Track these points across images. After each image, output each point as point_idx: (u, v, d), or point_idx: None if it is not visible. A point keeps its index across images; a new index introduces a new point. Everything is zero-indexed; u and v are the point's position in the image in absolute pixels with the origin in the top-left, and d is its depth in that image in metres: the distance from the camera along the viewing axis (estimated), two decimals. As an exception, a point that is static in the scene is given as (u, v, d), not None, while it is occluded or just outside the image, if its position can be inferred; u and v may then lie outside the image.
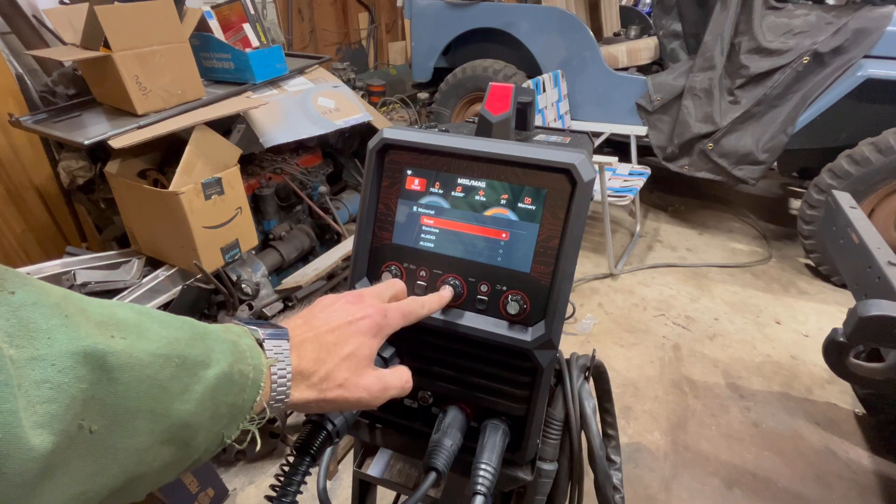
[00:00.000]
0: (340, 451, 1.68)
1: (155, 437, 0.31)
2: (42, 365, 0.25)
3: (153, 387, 0.31)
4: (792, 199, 3.61)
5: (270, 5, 4.32)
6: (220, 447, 0.38)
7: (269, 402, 0.40)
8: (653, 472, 1.67)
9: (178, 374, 0.33)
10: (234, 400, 0.37)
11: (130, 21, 1.67)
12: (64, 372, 0.26)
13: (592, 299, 2.54)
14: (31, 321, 0.26)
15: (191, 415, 0.33)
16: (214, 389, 0.35)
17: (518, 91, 0.74)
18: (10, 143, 2.11)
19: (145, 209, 1.81)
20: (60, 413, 0.26)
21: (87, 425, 0.27)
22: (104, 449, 0.28)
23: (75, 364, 0.27)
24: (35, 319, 0.26)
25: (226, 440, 0.38)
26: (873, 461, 1.71)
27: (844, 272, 1.45)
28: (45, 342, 0.26)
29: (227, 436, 0.37)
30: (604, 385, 0.84)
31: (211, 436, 0.36)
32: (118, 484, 0.30)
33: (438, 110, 3.69)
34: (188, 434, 0.34)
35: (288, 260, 2.23)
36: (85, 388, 0.27)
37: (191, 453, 0.35)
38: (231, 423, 0.37)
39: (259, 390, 0.39)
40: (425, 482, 0.54)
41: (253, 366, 0.38)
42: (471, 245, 0.63)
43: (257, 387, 0.38)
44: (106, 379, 0.28)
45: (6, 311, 0.25)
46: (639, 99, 3.05)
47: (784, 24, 2.61)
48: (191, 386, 0.34)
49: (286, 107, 2.14)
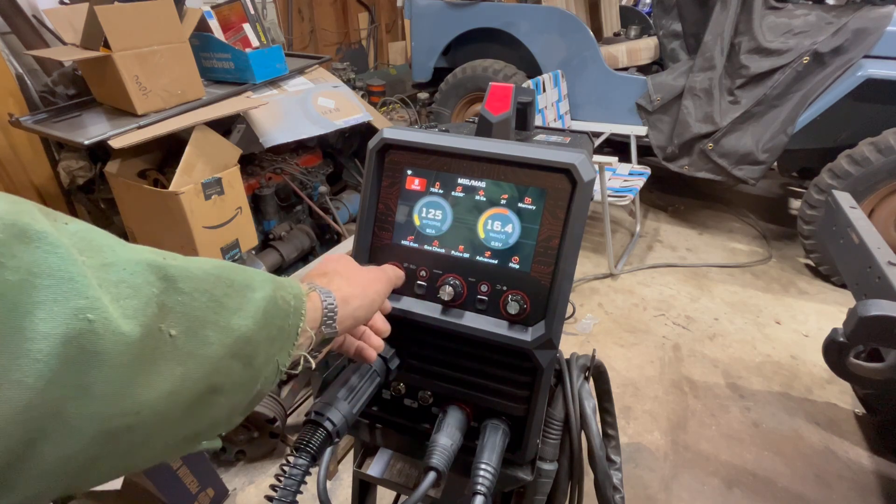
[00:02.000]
0: (340, 451, 1.68)
1: (225, 349, 0.35)
2: (115, 269, 0.29)
3: (212, 300, 0.35)
4: (792, 199, 3.61)
5: (270, 5, 4.32)
6: (277, 376, 0.41)
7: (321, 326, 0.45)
8: (653, 472, 1.67)
9: (230, 293, 0.37)
10: (282, 324, 0.41)
11: (130, 21, 1.67)
12: (135, 275, 0.30)
13: (592, 299, 2.54)
14: (92, 240, 0.29)
15: (250, 330, 0.37)
16: (265, 311, 0.39)
17: (518, 91, 0.74)
18: (10, 143, 2.10)
19: (145, 209, 1.81)
20: (141, 308, 0.29)
21: (167, 329, 0.31)
22: (185, 354, 0.32)
23: (143, 270, 0.31)
24: (95, 238, 0.30)
25: (281, 368, 0.41)
26: (873, 461, 1.71)
27: (844, 272, 1.45)
28: (110, 253, 0.30)
29: (281, 363, 0.41)
30: (604, 385, 0.84)
31: (268, 359, 0.40)
32: (201, 389, 0.34)
33: (438, 110, 3.69)
34: (251, 350, 0.37)
35: (288, 260, 2.23)
36: (156, 292, 0.31)
37: (255, 375, 0.39)
38: (282, 349, 0.41)
39: (301, 317, 0.43)
40: (425, 482, 0.54)
41: (293, 294, 0.43)
42: (471, 245, 0.63)
43: (299, 314, 0.42)
44: (172, 288, 0.32)
45: (67, 234, 0.28)
46: (639, 99, 3.05)
47: (784, 24, 2.61)
48: (244, 305, 0.37)
49: (286, 107, 2.14)
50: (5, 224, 0.25)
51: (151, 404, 0.30)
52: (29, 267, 0.25)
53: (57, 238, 0.27)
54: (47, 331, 0.25)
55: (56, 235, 0.27)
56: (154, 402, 0.30)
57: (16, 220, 0.26)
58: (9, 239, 0.25)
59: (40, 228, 0.26)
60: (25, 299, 0.24)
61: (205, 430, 0.36)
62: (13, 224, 0.25)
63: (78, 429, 0.27)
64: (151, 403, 0.30)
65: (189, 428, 0.35)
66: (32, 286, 0.25)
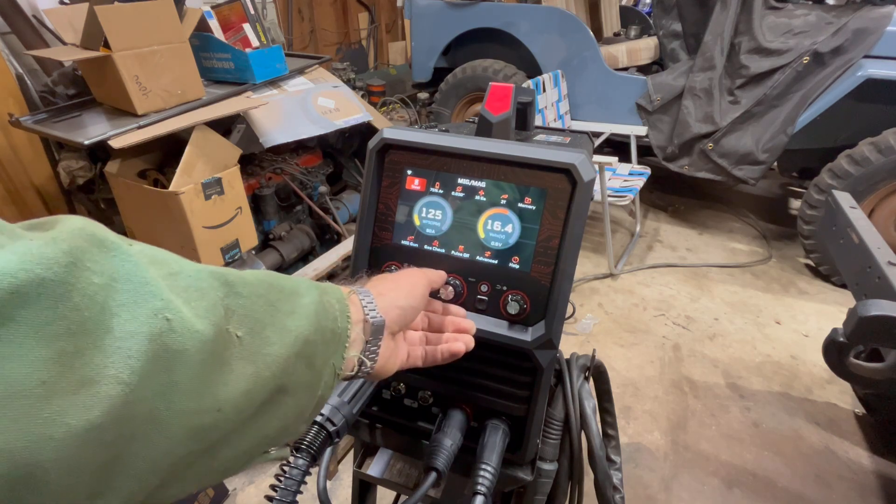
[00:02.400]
0: (340, 451, 1.68)
1: (287, 349, 0.37)
2: (182, 276, 0.31)
3: (268, 304, 0.37)
4: (792, 199, 3.61)
5: (270, 5, 4.32)
6: (335, 380, 0.43)
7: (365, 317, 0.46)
8: (653, 472, 1.67)
9: (282, 297, 0.38)
10: (332, 326, 0.42)
11: (130, 21, 1.67)
12: (201, 280, 0.32)
13: (592, 299, 2.54)
14: (156, 255, 0.32)
15: (307, 330, 0.38)
16: (317, 314, 0.40)
17: (518, 91, 0.74)
18: (10, 143, 2.10)
19: (145, 209, 1.81)
20: (210, 308, 0.31)
21: (234, 331, 0.33)
22: (254, 353, 0.34)
23: (206, 276, 0.33)
24: (158, 254, 0.32)
25: (337, 371, 0.43)
26: (873, 461, 1.71)
27: (844, 272, 1.45)
28: (174, 264, 0.32)
29: (337, 366, 0.42)
30: (604, 385, 0.84)
31: (325, 361, 0.41)
32: (271, 388, 0.35)
33: (438, 110, 3.69)
34: (310, 351, 0.39)
35: (288, 260, 2.23)
36: (221, 295, 0.33)
37: (316, 378, 0.40)
38: (336, 352, 0.42)
39: (348, 319, 0.44)
40: (425, 482, 0.54)
41: (336, 298, 0.44)
42: (471, 245, 0.63)
43: (346, 316, 0.44)
44: (233, 292, 0.34)
45: (136, 253, 0.30)
46: (639, 99, 3.05)
47: (784, 24, 2.61)
48: (296, 309, 0.39)
49: (286, 107, 2.14)
50: (87, 234, 0.27)
51: (231, 401, 0.32)
52: (110, 272, 0.27)
53: (128, 248, 0.29)
54: (133, 330, 0.26)
55: (126, 247, 0.29)
56: (234, 399, 0.32)
57: (95, 231, 0.28)
58: (91, 247, 0.26)
59: (114, 239, 0.28)
60: (110, 301, 0.26)
61: (274, 434, 0.38)
62: (93, 234, 0.27)
63: (168, 426, 0.28)
64: (231, 400, 0.32)
65: (261, 430, 0.36)
66: (115, 290, 0.27)
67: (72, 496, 0.24)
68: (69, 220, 0.28)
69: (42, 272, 0.23)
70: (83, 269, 0.25)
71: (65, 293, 0.24)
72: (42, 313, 0.23)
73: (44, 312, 0.23)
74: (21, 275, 0.22)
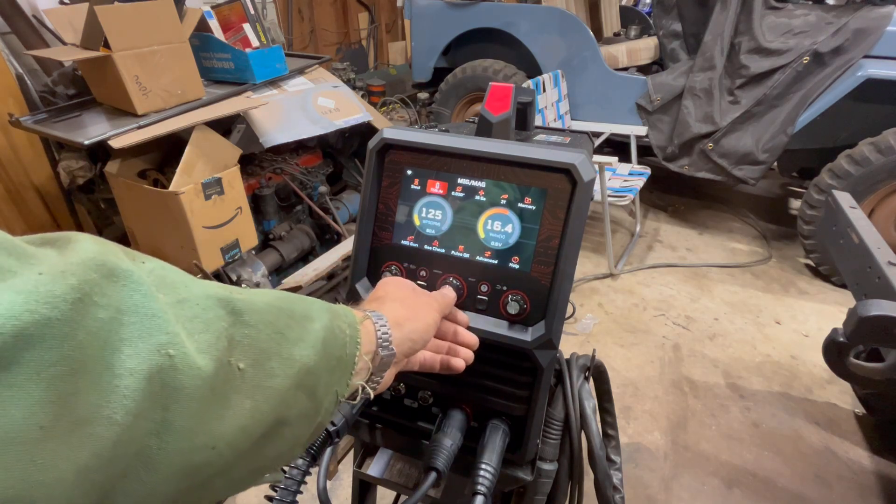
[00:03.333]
0: (340, 451, 1.68)
1: (290, 381, 0.35)
2: (189, 305, 0.30)
3: (275, 332, 0.35)
4: (792, 199, 3.60)
5: (270, 5, 4.32)
6: (335, 407, 0.42)
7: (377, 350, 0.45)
8: (653, 472, 1.67)
9: (291, 324, 0.37)
10: (340, 353, 0.41)
11: (130, 21, 1.67)
12: (207, 310, 0.31)
13: (592, 299, 2.54)
14: (166, 276, 0.31)
15: (311, 361, 0.37)
16: (325, 341, 0.39)
17: (518, 91, 0.74)
18: (10, 143, 2.10)
19: (145, 209, 1.81)
20: (213, 342, 0.30)
21: (235, 363, 0.32)
22: (254, 387, 0.33)
23: (213, 305, 0.32)
24: (169, 275, 0.31)
25: (340, 398, 0.42)
26: (873, 461, 1.71)
27: (844, 272, 1.45)
28: (183, 289, 0.31)
29: (340, 393, 0.41)
30: (604, 385, 0.84)
31: (328, 390, 0.40)
32: (270, 422, 0.34)
33: (438, 110, 3.69)
34: (313, 381, 0.38)
35: (288, 260, 2.22)
36: (225, 326, 0.32)
37: (317, 407, 0.39)
38: (341, 379, 0.41)
39: (357, 345, 0.43)
40: (425, 482, 0.54)
41: (348, 323, 0.43)
42: (471, 245, 0.63)
43: (355, 343, 0.43)
44: (239, 321, 0.33)
45: (146, 272, 0.29)
46: (639, 99, 3.05)
47: (784, 24, 2.61)
48: (304, 336, 0.38)
49: (286, 107, 2.14)
50: (97, 264, 0.26)
51: (227, 438, 0.31)
52: (118, 305, 0.26)
53: (140, 276, 0.28)
54: (133, 367, 0.25)
55: (139, 274, 0.28)
56: (229, 437, 0.31)
57: (105, 260, 0.27)
58: (100, 279, 0.26)
59: (126, 267, 0.28)
60: (114, 336, 0.25)
61: (269, 464, 0.37)
62: (103, 264, 0.26)
63: (160, 465, 0.27)
64: (226, 437, 0.31)
65: (256, 462, 0.35)
66: (120, 323, 0.26)
67: None
68: (82, 246, 0.27)
69: (48, 312, 0.22)
70: (90, 304, 0.24)
71: (70, 332, 0.23)
72: (46, 354, 0.22)
73: (47, 354, 0.22)
74: (26, 317, 0.21)
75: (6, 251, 0.24)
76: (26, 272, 0.23)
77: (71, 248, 0.26)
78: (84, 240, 0.27)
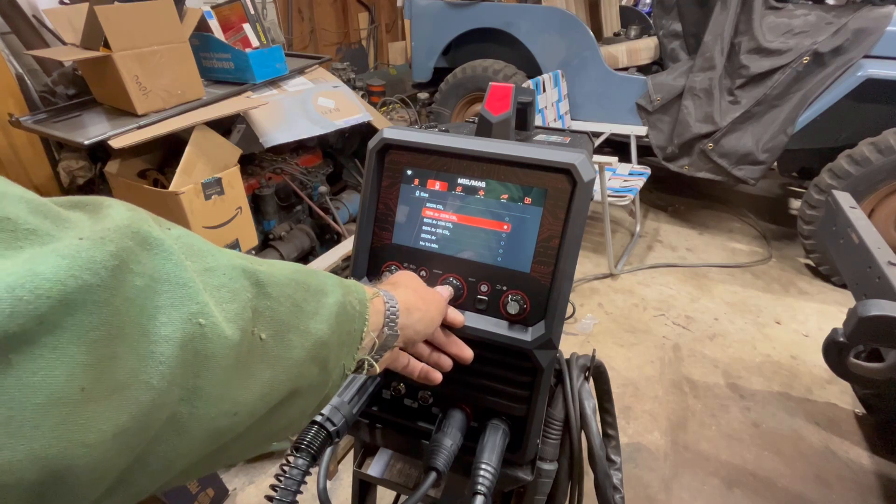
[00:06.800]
0: (340, 451, 1.68)
1: (305, 352, 0.37)
2: (216, 274, 0.31)
3: (294, 305, 0.37)
4: (792, 199, 3.61)
5: (270, 5, 4.32)
6: (342, 380, 0.43)
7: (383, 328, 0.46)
8: (653, 472, 1.67)
9: (308, 297, 0.38)
10: (349, 328, 0.42)
11: (130, 21, 1.67)
12: (234, 280, 0.32)
13: (592, 299, 2.54)
14: (193, 245, 0.31)
15: (325, 334, 0.39)
16: (338, 315, 0.40)
17: (518, 91, 0.74)
18: (10, 143, 2.10)
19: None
20: (240, 312, 0.31)
21: (258, 333, 0.33)
22: (274, 357, 0.34)
23: (239, 275, 0.32)
24: (196, 244, 0.32)
25: (347, 371, 0.43)
26: (873, 461, 1.71)
27: (844, 272, 1.45)
28: (210, 258, 0.32)
29: (347, 366, 0.43)
30: (604, 385, 0.84)
31: (337, 362, 0.41)
32: (286, 391, 0.35)
33: (438, 110, 3.69)
34: (325, 354, 0.39)
35: (288, 260, 2.22)
36: (250, 297, 0.33)
37: (326, 379, 0.40)
38: (349, 353, 0.43)
39: (366, 321, 0.44)
40: (425, 482, 0.54)
41: (359, 300, 0.44)
42: (471, 245, 0.63)
43: (364, 318, 0.44)
44: (262, 293, 0.34)
45: (173, 239, 0.30)
46: (639, 99, 3.05)
47: (784, 24, 2.61)
48: (319, 310, 0.39)
49: (286, 107, 2.14)
50: (133, 231, 0.26)
51: (248, 406, 0.32)
52: (151, 273, 0.27)
53: (170, 245, 0.28)
54: (167, 334, 0.26)
55: (169, 242, 0.28)
56: (250, 404, 0.32)
57: (140, 227, 0.27)
58: (135, 246, 0.26)
59: (157, 235, 0.28)
60: (149, 304, 0.26)
61: (279, 431, 0.38)
62: (138, 231, 0.27)
63: (189, 429, 0.28)
64: (248, 405, 0.32)
65: (268, 429, 0.36)
66: (155, 291, 0.26)
67: (91, 495, 0.24)
68: (115, 211, 0.27)
69: (90, 278, 0.23)
70: (127, 272, 0.25)
71: (109, 298, 0.24)
72: (87, 319, 0.23)
73: (88, 318, 0.23)
74: (70, 282, 0.22)
75: (42, 214, 0.24)
76: (65, 237, 0.23)
77: (104, 213, 0.27)
78: (116, 205, 0.28)
